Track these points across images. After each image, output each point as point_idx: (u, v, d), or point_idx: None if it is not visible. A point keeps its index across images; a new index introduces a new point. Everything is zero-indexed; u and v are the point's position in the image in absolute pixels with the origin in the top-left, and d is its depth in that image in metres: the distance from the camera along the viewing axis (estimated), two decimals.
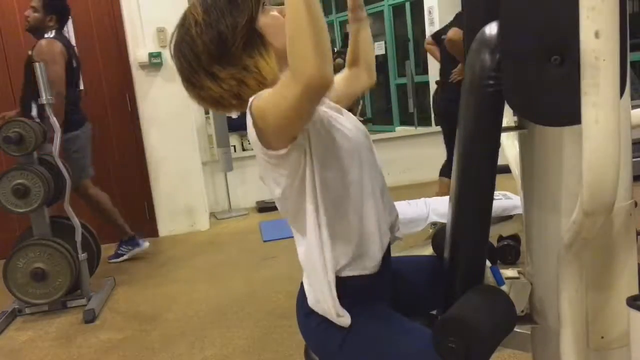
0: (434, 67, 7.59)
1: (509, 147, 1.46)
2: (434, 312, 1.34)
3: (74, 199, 3.29)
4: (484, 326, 1.05)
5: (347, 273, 1.10)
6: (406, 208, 2.82)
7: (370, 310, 1.13)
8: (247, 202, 5.27)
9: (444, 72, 4.01)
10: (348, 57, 1.39)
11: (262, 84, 1.09)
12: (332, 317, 1.09)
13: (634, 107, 1.12)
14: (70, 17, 3.86)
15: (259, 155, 1.07)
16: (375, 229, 1.12)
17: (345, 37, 8.48)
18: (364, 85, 1.38)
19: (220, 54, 1.08)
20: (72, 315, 3.16)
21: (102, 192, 3.86)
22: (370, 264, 1.12)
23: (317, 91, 0.90)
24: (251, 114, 1.01)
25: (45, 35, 3.56)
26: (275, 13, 1.12)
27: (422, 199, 2.94)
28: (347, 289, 1.10)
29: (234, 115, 1.18)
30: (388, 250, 1.19)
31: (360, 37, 1.36)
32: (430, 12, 7.39)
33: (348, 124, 1.14)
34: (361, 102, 6.68)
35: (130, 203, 4.63)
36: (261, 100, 1.00)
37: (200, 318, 2.95)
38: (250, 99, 1.03)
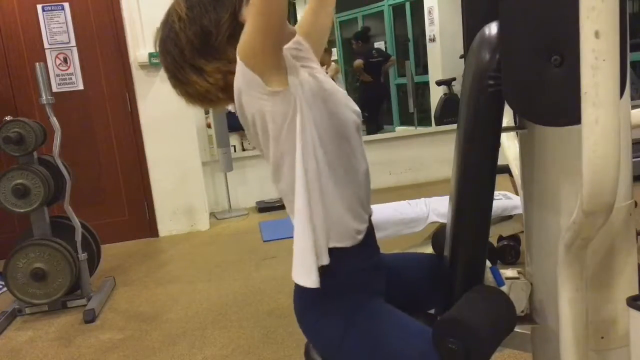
0: (434, 67, 7.61)
1: (509, 147, 1.46)
2: (433, 311, 1.34)
3: (74, 198, 3.28)
4: (484, 327, 1.05)
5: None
6: (406, 208, 2.83)
7: (370, 306, 1.13)
8: (247, 202, 5.27)
9: None
10: None
11: None
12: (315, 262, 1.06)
13: (634, 107, 1.12)
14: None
15: (255, 97, 1.05)
16: (354, 205, 1.11)
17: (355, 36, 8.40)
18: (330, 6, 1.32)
19: (204, 47, 1.09)
20: (72, 315, 3.16)
21: None
22: (345, 237, 1.11)
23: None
24: (239, 59, 1.03)
25: None
26: None
27: (422, 199, 2.94)
28: (332, 266, 1.07)
29: (232, 109, 1.16)
30: (373, 238, 1.19)
31: None
32: (430, 12, 7.39)
33: (342, 97, 1.14)
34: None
35: (130, 203, 4.63)
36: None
37: (200, 318, 2.95)
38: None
